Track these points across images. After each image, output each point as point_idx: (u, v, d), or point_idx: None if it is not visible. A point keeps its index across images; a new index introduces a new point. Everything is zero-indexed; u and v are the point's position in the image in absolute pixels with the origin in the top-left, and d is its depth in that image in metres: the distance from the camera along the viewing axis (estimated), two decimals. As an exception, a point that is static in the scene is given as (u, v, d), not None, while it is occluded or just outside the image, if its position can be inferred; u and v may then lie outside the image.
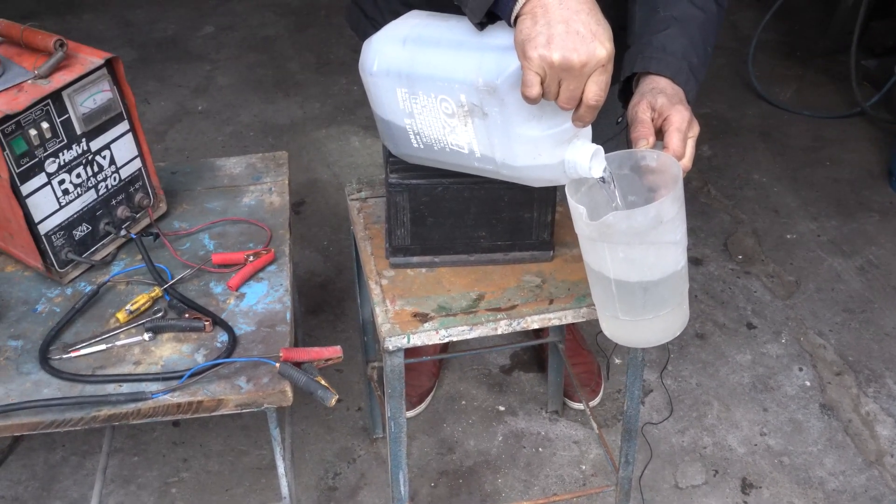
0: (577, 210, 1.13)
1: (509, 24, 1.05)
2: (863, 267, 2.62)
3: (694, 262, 2.63)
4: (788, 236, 2.74)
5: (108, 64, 1.37)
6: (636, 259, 1.15)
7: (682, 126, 1.17)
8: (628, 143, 1.20)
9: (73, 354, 1.29)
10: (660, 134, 1.19)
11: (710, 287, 2.55)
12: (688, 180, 2.85)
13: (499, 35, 1.10)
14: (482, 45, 1.11)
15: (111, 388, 1.24)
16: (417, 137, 1.25)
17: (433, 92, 1.16)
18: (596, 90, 1.03)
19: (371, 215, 1.57)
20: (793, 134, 3.22)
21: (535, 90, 1.03)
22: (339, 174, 3.03)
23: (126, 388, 1.24)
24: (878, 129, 3.20)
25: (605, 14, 1.05)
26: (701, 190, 2.92)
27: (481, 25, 1.11)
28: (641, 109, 1.20)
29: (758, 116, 3.32)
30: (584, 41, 1.00)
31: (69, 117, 1.33)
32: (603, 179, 1.14)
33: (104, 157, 1.42)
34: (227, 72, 3.67)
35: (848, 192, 2.93)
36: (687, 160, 1.18)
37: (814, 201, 2.89)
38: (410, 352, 2.00)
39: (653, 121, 1.19)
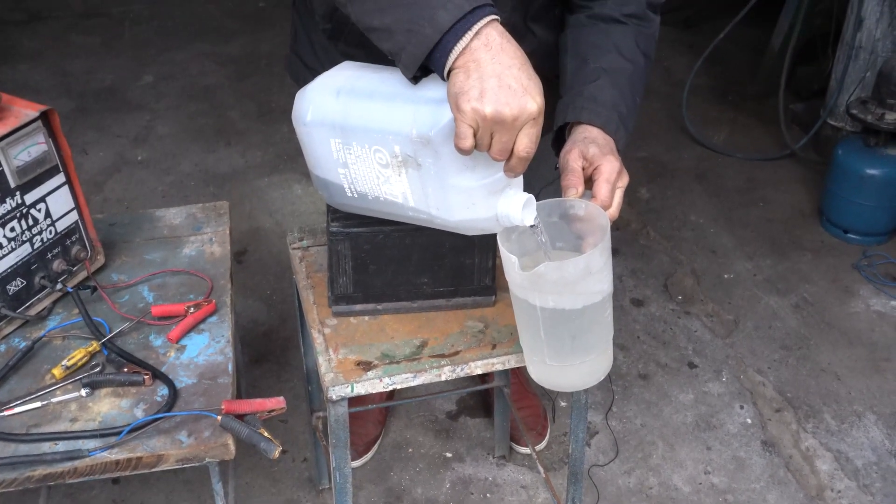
0: (510, 259, 1.16)
1: (442, 78, 1.08)
2: (798, 304, 2.68)
3: (635, 303, 2.67)
4: (726, 276, 2.80)
5: (44, 116, 1.36)
6: (565, 307, 1.18)
7: (612, 177, 1.21)
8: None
9: (6, 413, 1.26)
10: (590, 182, 1.22)
11: (651, 328, 2.59)
12: (627, 223, 2.94)
13: (432, 88, 1.12)
14: (416, 98, 1.13)
15: (46, 447, 1.21)
16: (352, 187, 1.26)
17: (367, 143, 1.17)
18: (527, 142, 1.06)
19: (313, 264, 1.57)
20: (727, 176, 3.31)
21: (468, 142, 1.05)
22: (282, 222, 3.02)
23: (62, 445, 1.21)
24: (808, 170, 3.31)
25: (539, 65, 1.08)
26: (640, 232, 2.98)
27: (415, 79, 1.13)
28: (573, 158, 1.23)
29: (693, 159, 3.40)
30: (516, 95, 1.02)
31: (3, 171, 1.31)
32: (534, 227, 1.17)
33: (39, 211, 1.40)
34: (168, 121, 3.65)
35: (781, 232, 3.01)
36: (614, 210, 1.22)
37: (749, 241, 2.96)
38: (355, 400, 1.98)
39: (584, 169, 1.23)
